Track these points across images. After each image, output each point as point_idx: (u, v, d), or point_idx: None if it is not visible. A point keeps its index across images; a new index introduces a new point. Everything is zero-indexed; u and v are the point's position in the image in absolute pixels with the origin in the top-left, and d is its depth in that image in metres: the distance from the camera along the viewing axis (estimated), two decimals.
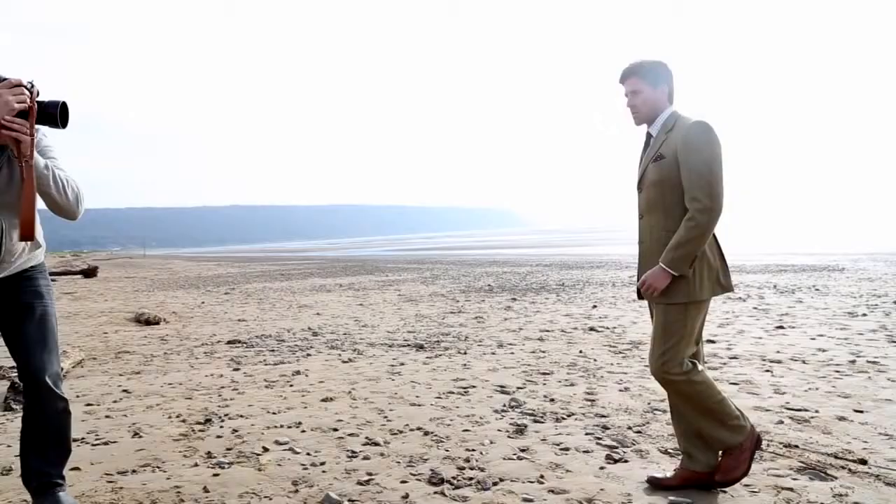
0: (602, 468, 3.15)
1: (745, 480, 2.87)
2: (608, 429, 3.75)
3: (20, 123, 2.34)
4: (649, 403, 4.24)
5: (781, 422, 3.75)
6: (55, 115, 2.42)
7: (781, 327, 7.04)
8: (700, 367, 2.77)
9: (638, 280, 3.00)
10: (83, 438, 3.89)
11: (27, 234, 2.44)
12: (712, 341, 6.36)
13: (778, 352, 5.76)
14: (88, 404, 4.77)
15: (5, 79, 2.39)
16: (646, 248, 2.89)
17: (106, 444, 3.78)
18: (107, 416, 4.40)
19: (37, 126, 2.44)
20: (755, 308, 8.66)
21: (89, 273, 26.16)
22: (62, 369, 2.86)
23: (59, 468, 2.75)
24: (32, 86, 2.40)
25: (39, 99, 2.42)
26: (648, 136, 2.88)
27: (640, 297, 2.90)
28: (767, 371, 5.06)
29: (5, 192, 2.48)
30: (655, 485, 2.88)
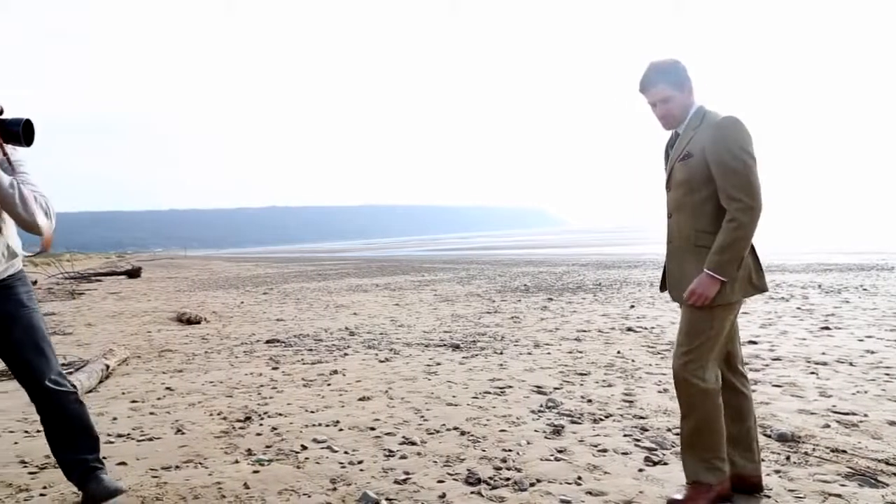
0: (641, 470, 3.11)
1: (789, 486, 2.81)
2: (647, 430, 3.70)
3: None
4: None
5: (828, 426, 3.64)
6: (18, 133, 2.40)
7: (827, 328, 6.85)
8: (718, 384, 2.64)
9: (662, 279, 2.95)
10: (129, 434, 3.99)
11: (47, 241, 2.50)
12: (754, 342, 6.23)
13: (823, 353, 5.61)
14: (133, 401, 4.89)
15: None
16: (674, 247, 2.82)
17: (150, 440, 3.88)
18: (151, 413, 4.51)
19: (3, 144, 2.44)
20: (799, 308, 8.44)
21: (133, 273, 26.82)
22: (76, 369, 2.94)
23: (94, 453, 2.85)
24: None
25: (3, 117, 2.41)
26: (675, 134, 2.80)
27: (664, 289, 2.88)
28: (812, 373, 4.93)
29: None
30: None
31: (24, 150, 2.56)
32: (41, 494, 3.01)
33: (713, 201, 2.63)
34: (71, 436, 2.82)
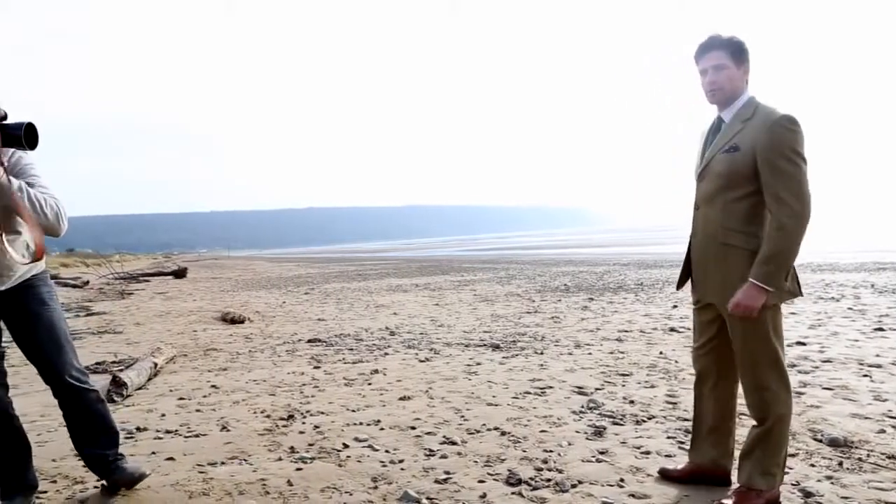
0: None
1: (842, 493, 2.73)
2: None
3: None
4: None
5: (883, 430, 3.52)
6: (20, 137, 2.42)
7: (881, 329, 6.62)
8: (789, 390, 2.62)
9: (680, 276, 2.88)
10: (176, 430, 4.09)
11: (38, 257, 2.57)
12: (803, 343, 6.06)
13: (877, 355, 5.42)
14: (181, 398, 5.01)
15: None
16: (698, 242, 2.72)
17: (197, 436, 3.97)
18: (197, 410, 4.61)
19: (7, 149, 2.49)
20: (850, 309, 8.18)
21: (179, 274, 27.46)
22: (83, 366, 3.06)
23: (115, 448, 3.02)
24: None
25: (6, 122, 2.43)
26: (719, 120, 2.66)
27: (681, 286, 2.87)
28: (866, 376, 4.77)
29: None
30: (665, 476, 2.98)
31: (34, 153, 2.63)
32: (95, 487, 3.11)
33: (749, 200, 2.53)
34: (92, 432, 2.97)
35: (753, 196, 2.52)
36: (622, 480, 3.00)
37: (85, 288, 21.35)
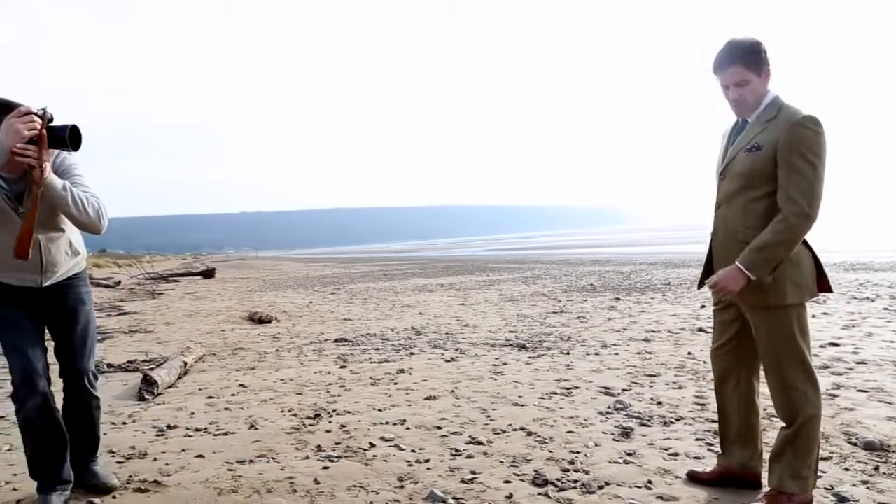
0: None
1: (878, 498, 2.70)
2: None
3: (31, 150, 2.51)
4: (765, 409, 4.00)
5: None
6: (65, 138, 2.55)
7: None
8: (818, 393, 2.58)
9: (702, 276, 2.85)
10: (206, 429, 4.15)
11: (20, 253, 2.61)
12: (836, 344, 5.94)
13: None
14: (209, 397, 5.08)
15: (17, 106, 2.56)
16: (718, 240, 2.71)
17: (225, 434, 4.02)
18: (226, 409, 4.67)
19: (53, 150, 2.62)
20: (886, 309, 8.00)
21: (208, 274, 27.84)
22: (98, 369, 3.21)
23: (93, 454, 3.15)
24: (45, 112, 2.54)
25: (52, 124, 2.57)
26: (743, 121, 2.64)
27: (703, 286, 2.82)
28: None
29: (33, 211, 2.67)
30: (694, 478, 2.94)
31: (77, 154, 2.75)
32: (127, 483, 3.17)
33: (769, 200, 2.50)
34: (83, 434, 3.11)
35: (773, 196, 2.50)
36: (650, 482, 2.98)
37: (117, 288, 21.75)
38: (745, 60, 2.50)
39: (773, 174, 2.48)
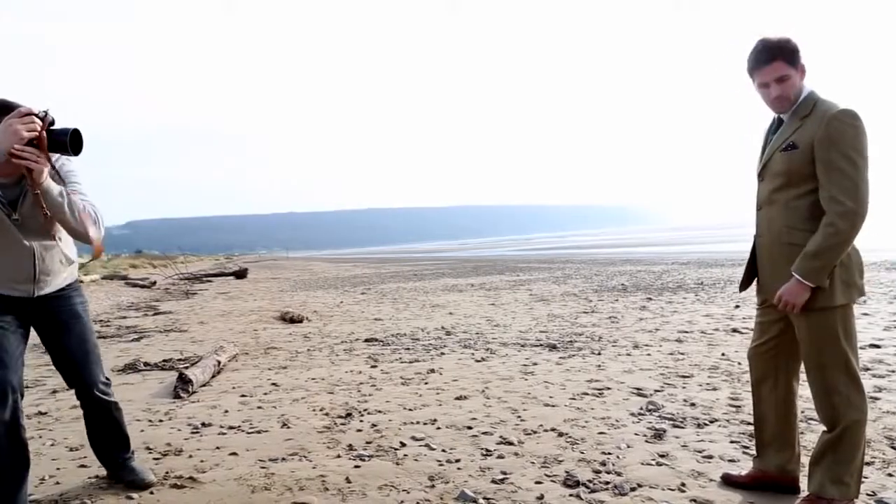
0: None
1: None
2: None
3: (30, 152, 2.39)
4: (803, 412, 3.93)
5: None
6: (66, 142, 2.45)
7: None
8: (863, 396, 2.51)
9: (744, 278, 2.79)
10: (239, 427, 4.20)
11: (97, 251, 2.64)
12: (877, 346, 5.79)
13: None
14: (243, 395, 5.15)
15: (17, 107, 2.46)
16: (763, 242, 2.65)
17: (258, 432, 4.07)
18: (258, 407, 4.73)
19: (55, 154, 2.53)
20: None
21: (240, 275, 28.21)
22: (107, 378, 3.13)
23: (126, 451, 3.15)
24: (46, 114, 2.44)
25: (53, 127, 2.46)
26: (778, 119, 2.60)
27: (745, 288, 2.78)
28: None
29: (31, 217, 2.60)
30: (728, 481, 2.89)
31: (76, 159, 2.66)
32: (164, 479, 3.23)
33: (810, 198, 2.45)
34: (109, 439, 3.12)
35: (815, 193, 2.45)
36: (683, 485, 2.94)
37: (152, 288, 22.18)
38: (784, 56, 2.46)
39: (812, 172, 2.43)
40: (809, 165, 2.43)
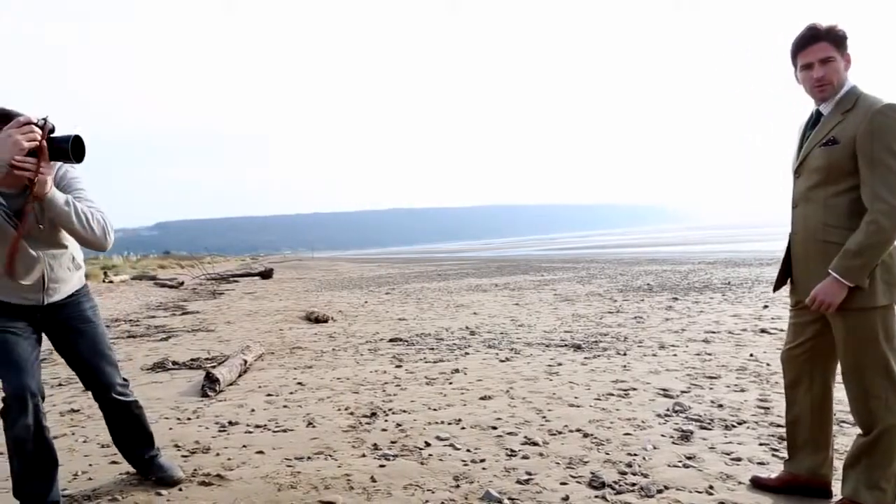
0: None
1: None
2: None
3: (31, 162, 2.35)
4: (835, 414, 3.86)
5: None
6: (67, 150, 2.40)
7: None
8: None
9: (780, 277, 2.73)
10: (265, 425, 4.25)
11: (7, 271, 2.55)
12: None
13: None
14: (269, 394, 5.20)
15: (16, 116, 2.41)
16: (798, 240, 2.58)
17: (284, 431, 4.11)
18: (284, 406, 4.77)
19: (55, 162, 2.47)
20: None
21: (266, 275, 28.48)
22: (125, 380, 3.14)
23: (151, 448, 3.17)
24: (45, 122, 2.39)
25: (54, 135, 2.42)
26: (817, 113, 2.52)
27: (779, 288, 2.72)
28: None
29: (37, 227, 2.59)
30: (757, 484, 2.85)
31: (80, 166, 2.62)
32: (192, 476, 3.27)
33: (849, 196, 2.38)
34: (132, 438, 3.15)
35: (855, 190, 2.37)
36: (711, 487, 2.90)
37: (180, 288, 22.50)
38: (830, 38, 2.41)
39: (853, 169, 2.36)
40: (850, 161, 2.36)
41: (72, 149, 2.42)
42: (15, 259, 2.55)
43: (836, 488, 2.66)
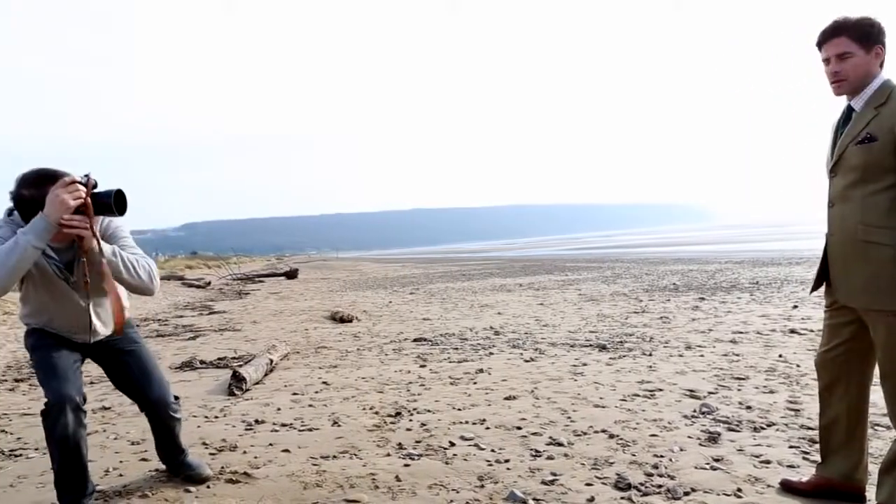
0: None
1: None
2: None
3: (79, 220, 2.50)
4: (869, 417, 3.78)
5: None
6: (110, 204, 2.53)
7: None
8: None
9: (818, 278, 2.65)
10: (291, 424, 4.29)
11: (118, 324, 2.78)
12: None
13: None
14: (294, 394, 5.24)
15: (62, 176, 2.54)
16: (836, 241, 2.50)
17: (310, 430, 4.14)
18: (310, 405, 4.81)
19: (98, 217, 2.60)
20: None
21: (291, 275, 28.72)
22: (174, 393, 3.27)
23: (183, 454, 3.28)
24: (88, 178, 2.52)
25: (96, 190, 2.54)
26: (849, 109, 2.45)
27: (816, 289, 2.66)
28: None
29: (83, 279, 2.72)
30: (788, 488, 2.79)
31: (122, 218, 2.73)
32: (220, 474, 3.32)
33: (889, 193, 2.31)
34: (170, 446, 3.26)
35: (895, 188, 2.31)
36: (739, 490, 2.86)
37: (207, 288, 22.79)
38: (850, 32, 2.36)
39: (893, 165, 2.30)
40: (891, 157, 2.29)
41: (114, 202, 2.55)
42: (123, 314, 2.77)
43: (871, 493, 2.61)
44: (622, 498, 2.85)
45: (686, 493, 2.85)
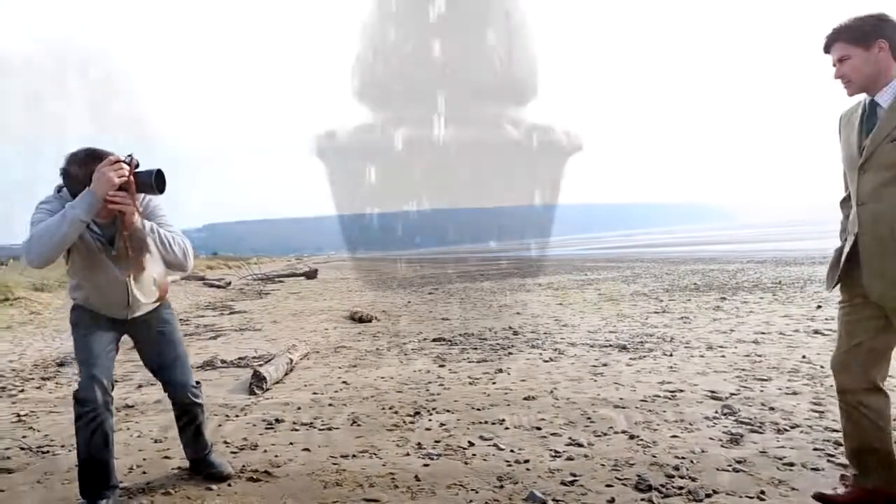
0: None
1: None
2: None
3: (122, 196, 2.67)
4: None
5: None
6: (151, 183, 2.70)
7: None
8: None
9: (841, 274, 2.56)
10: (311, 423, 4.31)
11: (164, 290, 3.04)
12: None
13: None
14: (314, 393, 5.27)
15: (107, 155, 2.71)
16: (867, 241, 2.43)
17: (329, 429, 4.16)
18: (329, 405, 4.83)
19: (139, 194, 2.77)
20: None
21: (310, 275, 28.83)
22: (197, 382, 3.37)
23: (206, 449, 3.33)
24: (131, 158, 2.70)
25: (138, 170, 2.71)
26: (873, 105, 2.40)
27: (833, 286, 2.60)
28: None
29: (125, 253, 2.87)
30: (823, 501, 2.67)
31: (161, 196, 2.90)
32: (241, 472, 3.34)
33: None
34: (193, 437, 3.31)
35: None
36: (763, 493, 2.83)
37: (227, 288, 22.98)
38: (844, 36, 2.38)
39: None
40: None
41: (155, 181, 2.72)
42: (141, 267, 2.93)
43: None
44: (643, 499, 2.83)
45: (708, 496, 2.83)
